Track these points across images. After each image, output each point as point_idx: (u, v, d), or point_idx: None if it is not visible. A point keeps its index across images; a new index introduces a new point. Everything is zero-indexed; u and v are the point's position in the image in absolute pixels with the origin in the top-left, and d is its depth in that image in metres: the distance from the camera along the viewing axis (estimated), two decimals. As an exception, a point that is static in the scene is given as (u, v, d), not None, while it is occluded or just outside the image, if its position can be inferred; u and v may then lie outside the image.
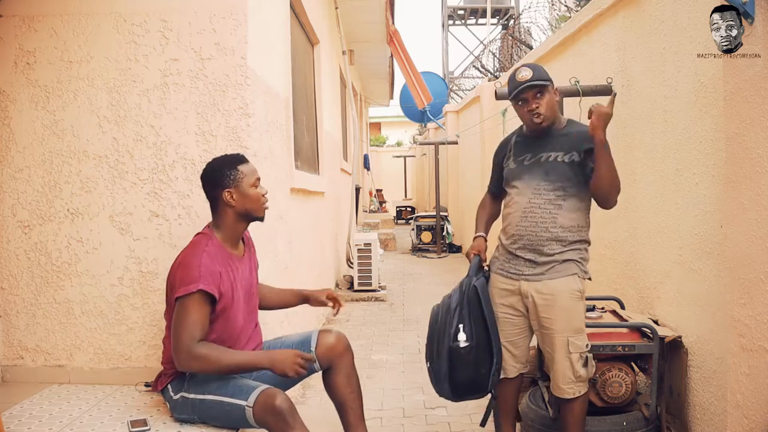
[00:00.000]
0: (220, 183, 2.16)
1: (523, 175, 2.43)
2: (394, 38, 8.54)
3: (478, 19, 19.12)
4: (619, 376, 2.55)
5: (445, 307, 2.46)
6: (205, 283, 2.01)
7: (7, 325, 2.71)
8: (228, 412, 2.01)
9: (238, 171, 2.18)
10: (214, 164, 2.22)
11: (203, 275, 2.02)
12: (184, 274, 2.03)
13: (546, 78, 2.36)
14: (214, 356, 1.99)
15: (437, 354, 2.41)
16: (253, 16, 2.74)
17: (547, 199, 2.35)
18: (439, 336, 2.43)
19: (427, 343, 2.52)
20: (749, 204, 1.96)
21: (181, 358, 2.00)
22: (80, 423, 2.17)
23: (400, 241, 11.18)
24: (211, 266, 2.06)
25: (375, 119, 23.45)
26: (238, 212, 2.18)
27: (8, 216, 2.69)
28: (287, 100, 3.64)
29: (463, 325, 2.37)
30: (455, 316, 2.40)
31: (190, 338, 1.98)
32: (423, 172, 16.13)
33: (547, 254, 2.34)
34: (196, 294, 2.01)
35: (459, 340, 2.36)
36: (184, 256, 2.11)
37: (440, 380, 2.41)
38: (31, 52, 2.67)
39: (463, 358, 2.37)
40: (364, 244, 6.20)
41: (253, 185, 2.20)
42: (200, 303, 2.02)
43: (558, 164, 2.36)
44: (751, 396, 1.99)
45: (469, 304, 2.42)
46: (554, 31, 6.40)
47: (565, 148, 2.37)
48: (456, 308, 2.41)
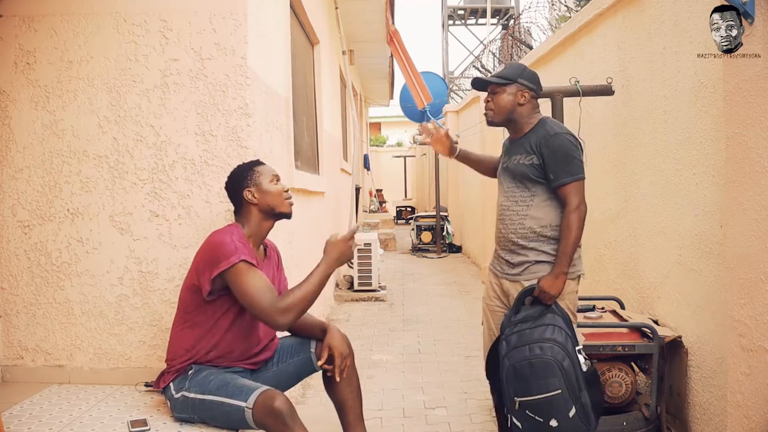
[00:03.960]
0: (240, 184, 2.23)
1: (500, 178, 2.54)
2: (394, 38, 8.53)
3: (478, 19, 19.10)
4: (619, 376, 2.55)
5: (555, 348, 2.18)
6: (244, 255, 2.05)
7: (7, 325, 2.71)
8: (227, 413, 2.01)
9: (255, 171, 2.25)
10: (233, 172, 2.29)
11: (239, 249, 2.05)
12: (220, 252, 2.05)
13: (509, 78, 2.41)
14: (299, 297, 2.03)
15: (579, 390, 2.15)
16: (253, 16, 2.74)
17: (514, 202, 2.42)
18: (575, 372, 2.16)
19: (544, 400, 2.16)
20: (749, 204, 1.96)
21: (277, 321, 2.01)
22: (80, 423, 2.17)
23: (400, 241, 11.18)
24: (243, 245, 2.10)
25: (375, 119, 23.44)
26: (262, 209, 2.23)
27: (8, 216, 2.69)
28: (287, 100, 3.64)
29: (579, 349, 2.21)
30: (568, 341, 2.19)
31: (268, 301, 2.00)
32: (423, 172, 16.12)
33: (520, 254, 2.40)
34: (240, 263, 2.03)
35: (582, 365, 2.18)
36: (213, 239, 2.13)
37: (590, 414, 2.16)
38: (31, 52, 2.67)
39: (596, 379, 2.24)
40: (364, 244, 6.20)
41: (272, 181, 2.25)
42: (249, 269, 2.04)
43: (521, 166, 2.40)
44: (751, 396, 1.99)
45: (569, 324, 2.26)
46: (554, 31, 6.39)
47: (527, 150, 2.40)
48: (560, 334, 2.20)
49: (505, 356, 2.26)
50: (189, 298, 2.17)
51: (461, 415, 3.22)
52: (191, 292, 2.15)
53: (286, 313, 2.00)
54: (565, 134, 2.35)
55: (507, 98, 2.42)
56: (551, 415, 2.15)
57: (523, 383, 2.19)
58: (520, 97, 2.42)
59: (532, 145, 2.37)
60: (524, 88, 2.42)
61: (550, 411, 2.15)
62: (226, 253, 2.04)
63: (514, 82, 2.41)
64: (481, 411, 3.27)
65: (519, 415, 2.23)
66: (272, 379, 2.28)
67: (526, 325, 2.25)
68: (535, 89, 2.45)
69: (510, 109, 2.42)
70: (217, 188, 2.64)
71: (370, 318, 5.51)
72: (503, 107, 2.43)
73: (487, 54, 12.71)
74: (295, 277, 3.76)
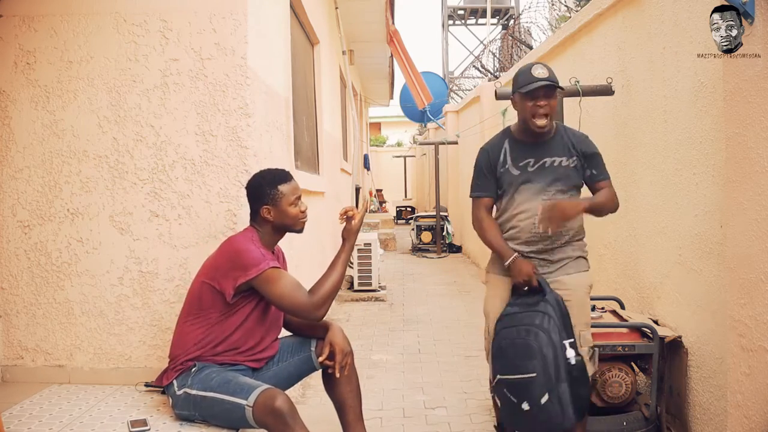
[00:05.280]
0: (260, 199, 2.26)
1: (530, 180, 2.42)
2: (394, 38, 8.54)
3: (478, 19, 19.11)
4: (619, 376, 2.55)
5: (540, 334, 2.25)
6: (272, 262, 2.14)
7: (7, 325, 2.71)
8: (228, 411, 2.01)
9: (278, 191, 2.25)
10: (258, 179, 2.30)
11: (266, 256, 2.14)
12: (248, 258, 2.12)
13: (557, 81, 2.38)
14: (329, 288, 2.16)
15: (556, 380, 2.20)
16: (253, 16, 2.74)
17: None
18: (555, 362, 2.21)
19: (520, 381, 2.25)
20: (749, 204, 1.96)
21: (314, 314, 2.14)
22: (80, 423, 2.16)
23: (400, 241, 11.18)
24: (265, 251, 2.17)
25: (375, 119, 23.43)
26: (275, 226, 2.28)
27: (8, 216, 2.69)
28: (287, 100, 3.64)
29: (570, 342, 2.25)
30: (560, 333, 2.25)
31: (304, 299, 2.12)
32: (423, 172, 16.12)
33: (558, 253, 2.41)
34: (270, 270, 2.11)
35: (568, 357, 2.22)
36: (238, 243, 2.17)
37: (565, 406, 2.19)
38: (31, 52, 2.67)
39: (581, 373, 2.26)
40: (364, 244, 6.20)
41: (293, 204, 2.27)
42: (279, 273, 2.13)
43: (564, 168, 2.42)
44: (751, 396, 1.99)
45: (564, 318, 2.31)
46: (554, 31, 6.39)
47: (566, 152, 2.43)
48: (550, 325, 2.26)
49: (496, 335, 2.38)
50: (205, 296, 2.18)
51: (461, 415, 3.22)
52: (209, 292, 2.17)
53: (322, 306, 2.14)
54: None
55: (555, 103, 2.40)
56: (524, 397, 2.23)
57: (504, 361, 2.32)
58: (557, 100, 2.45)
59: (566, 146, 2.43)
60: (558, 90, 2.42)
61: (524, 393, 2.23)
62: (254, 260, 2.11)
63: (559, 86, 2.40)
64: (481, 411, 3.27)
65: (498, 392, 2.35)
66: (273, 378, 2.28)
67: (520, 309, 2.35)
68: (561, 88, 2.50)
69: (556, 112, 2.44)
70: (217, 188, 2.64)
71: (370, 318, 5.51)
72: (555, 111, 2.42)
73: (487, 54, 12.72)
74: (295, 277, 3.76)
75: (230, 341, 2.19)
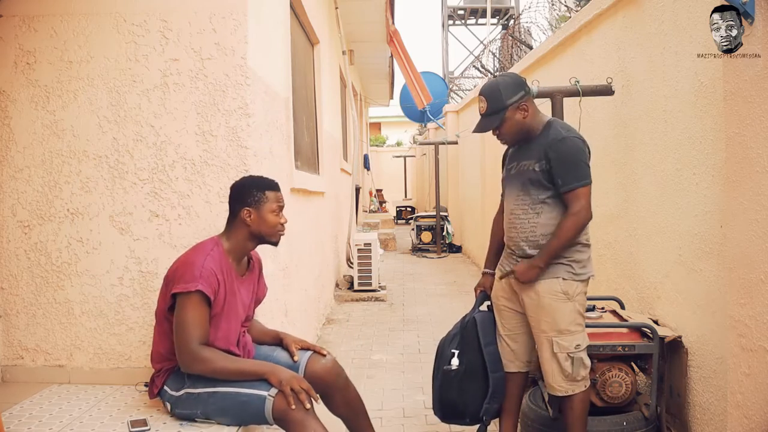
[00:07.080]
0: (243, 200, 2.19)
1: (508, 184, 2.49)
2: (394, 38, 8.54)
3: (478, 19, 19.11)
4: (619, 376, 2.55)
5: (449, 336, 2.62)
6: (203, 285, 2.02)
7: (7, 325, 2.71)
8: (243, 404, 1.99)
9: (263, 195, 2.20)
10: (245, 181, 2.25)
11: (203, 276, 2.03)
12: (185, 272, 2.05)
13: (498, 108, 2.33)
14: (218, 360, 2.01)
15: (434, 375, 2.60)
16: (253, 16, 2.74)
17: (525, 209, 2.38)
18: (439, 359, 2.59)
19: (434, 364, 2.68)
20: (749, 204, 1.96)
21: (185, 359, 2.01)
22: (80, 423, 2.17)
23: (400, 241, 11.18)
24: (212, 269, 2.07)
25: (375, 119, 23.44)
26: (252, 232, 2.20)
27: (8, 216, 2.69)
28: (287, 100, 3.64)
29: (459, 352, 2.53)
30: (452, 343, 2.56)
31: (192, 339, 2.00)
32: (423, 172, 16.12)
33: (530, 258, 2.37)
34: (195, 294, 2.02)
35: (451, 364, 2.51)
36: (188, 255, 2.12)
37: (434, 399, 2.59)
38: (31, 52, 2.67)
39: (450, 380, 2.51)
40: (364, 244, 6.21)
41: (274, 212, 2.21)
42: (199, 303, 2.03)
43: (531, 173, 2.36)
44: (751, 396, 1.99)
45: (468, 334, 2.55)
46: (554, 31, 6.39)
47: (535, 156, 2.35)
48: (454, 336, 2.58)
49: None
50: (160, 305, 2.16)
51: (461, 415, 3.22)
52: (163, 300, 2.14)
53: (199, 363, 2.00)
54: (573, 137, 2.31)
55: (510, 124, 2.36)
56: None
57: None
58: (519, 113, 2.35)
59: (540, 149, 2.32)
60: (515, 102, 2.33)
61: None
62: (189, 276, 2.03)
63: (505, 109, 2.33)
64: (481, 411, 3.26)
65: None
66: None
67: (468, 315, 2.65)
68: (524, 92, 2.36)
69: (518, 129, 2.38)
70: (217, 188, 2.64)
71: (370, 318, 5.51)
72: (513, 132, 2.39)
73: (487, 54, 12.72)
74: (295, 278, 3.77)
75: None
